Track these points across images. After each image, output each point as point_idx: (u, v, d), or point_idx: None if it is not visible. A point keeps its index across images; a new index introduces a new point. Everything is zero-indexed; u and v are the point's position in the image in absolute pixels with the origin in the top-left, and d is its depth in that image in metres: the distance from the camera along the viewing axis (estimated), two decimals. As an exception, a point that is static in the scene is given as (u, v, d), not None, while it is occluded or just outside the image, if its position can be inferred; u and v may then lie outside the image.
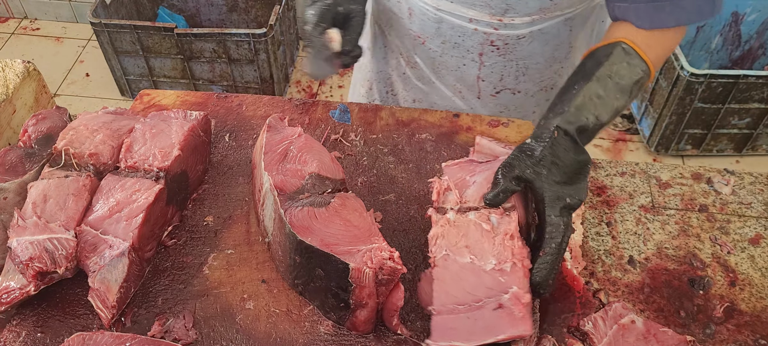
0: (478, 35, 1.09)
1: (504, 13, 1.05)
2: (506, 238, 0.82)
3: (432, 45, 1.15)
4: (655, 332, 0.81)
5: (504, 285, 0.79)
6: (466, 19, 1.07)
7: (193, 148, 1.00)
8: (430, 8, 1.09)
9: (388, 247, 0.81)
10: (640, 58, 0.90)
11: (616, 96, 0.88)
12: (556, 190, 0.83)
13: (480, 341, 0.75)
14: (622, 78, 0.89)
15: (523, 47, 1.11)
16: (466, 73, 1.17)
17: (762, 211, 1.01)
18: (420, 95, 1.27)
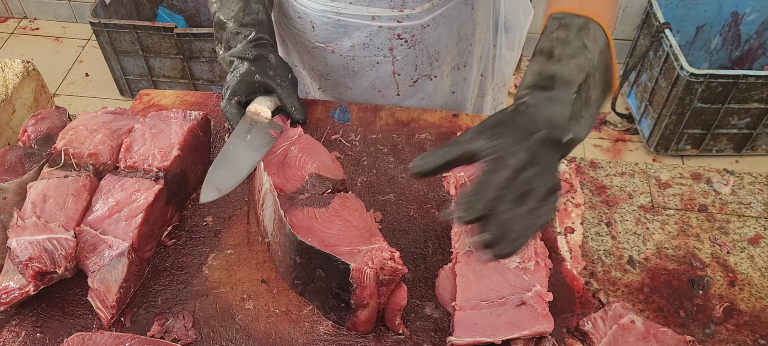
0: (384, 31, 1.10)
1: (403, 4, 1.06)
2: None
3: (341, 51, 1.16)
4: (654, 332, 0.81)
5: (527, 283, 0.81)
6: (368, 17, 1.09)
7: (193, 148, 0.99)
8: (332, 15, 1.10)
9: (389, 247, 0.81)
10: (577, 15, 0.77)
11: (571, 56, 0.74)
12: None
13: (503, 336, 0.77)
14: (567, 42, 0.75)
15: (429, 34, 1.12)
16: (381, 72, 1.18)
17: (761, 211, 1.01)
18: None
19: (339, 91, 1.24)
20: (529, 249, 0.85)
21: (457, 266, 0.83)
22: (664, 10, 2.51)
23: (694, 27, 2.67)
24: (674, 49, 2.30)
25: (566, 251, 0.95)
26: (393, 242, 0.95)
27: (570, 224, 0.99)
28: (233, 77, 1.02)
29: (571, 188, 1.04)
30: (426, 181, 1.04)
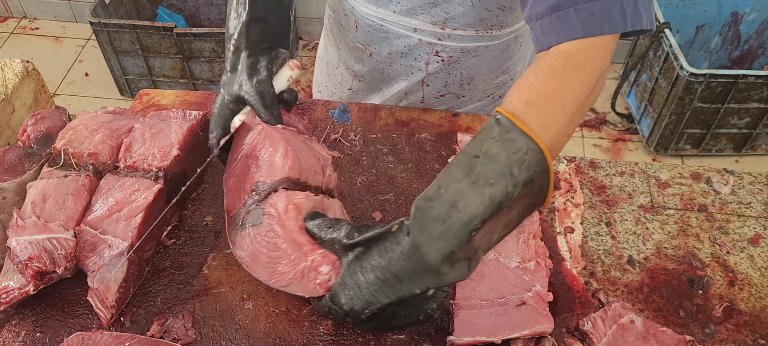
0: (423, 45, 1.10)
1: (444, 22, 1.06)
2: (529, 237, 0.85)
3: (379, 56, 1.16)
4: (654, 331, 0.81)
5: (528, 283, 0.81)
6: (410, 29, 1.09)
7: (192, 147, 0.99)
8: (376, 19, 1.10)
9: (323, 257, 0.77)
10: (519, 129, 0.67)
11: (488, 181, 0.65)
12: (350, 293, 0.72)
13: (503, 336, 0.78)
14: (494, 157, 0.66)
15: (467, 60, 1.12)
16: (412, 79, 1.18)
17: (761, 211, 1.01)
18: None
19: (369, 95, 1.25)
20: (530, 249, 0.85)
21: None
22: (664, 9, 2.51)
23: (694, 27, 2.67)
24: (674, 49, 2.30)
25: (566, 250, 0.95)
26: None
27: (570, 224, 0.99)
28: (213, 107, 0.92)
29: (571, 188, 1.04)
30: (426, 180, 1.04)
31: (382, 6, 1.08)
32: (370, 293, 0.71)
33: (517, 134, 0.67)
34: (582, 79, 0.73)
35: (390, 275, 0.68)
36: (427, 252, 0.64)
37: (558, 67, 0.73)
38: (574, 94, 0.72)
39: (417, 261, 0.65)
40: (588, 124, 2.71)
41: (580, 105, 0.73)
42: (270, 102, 0.89)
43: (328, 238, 0.76)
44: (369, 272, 0.70)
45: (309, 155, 0.88)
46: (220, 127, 0.91)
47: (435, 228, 0.64)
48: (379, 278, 0.69)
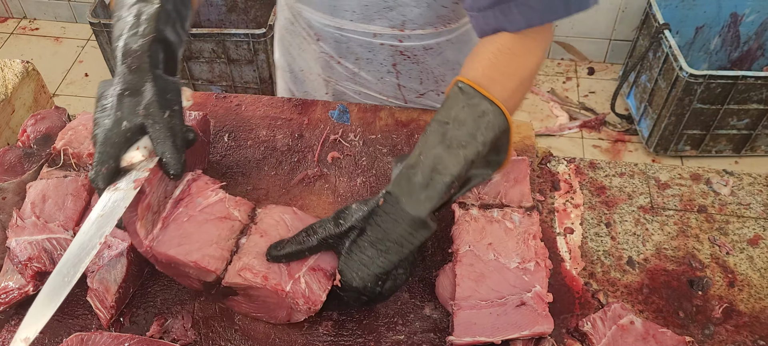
0: (386, 48, 1.10)
1: (403, 24, 1.05)
2: (529, 238, 0.85)
3: (348, 63, 1.15)
4: (654, 332, 0.81)
5: (527, 284, 0.81)
6: (370, 34, 1.08)
7: (192, 148, 0.99)
8: (335, 30, 1.09)
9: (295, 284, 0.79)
10: (482, 95, 0.77)
11: (460, 144, 0.75)
12: (360, 273, 0.75)
13: (503, 336, 0.78)
14: (463, 123, 0.76)
15: (433, 57, 1.12)
16: (387, 83, 1.18)
17: (761, 212, 1.01)
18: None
19: (347, 97, 1.24)
20: (530, 250, 0.85)
21: (457, 265, 0.83)
22: (664, 10, 2.51)
23: (694, 28, 2.67)
24: (673, 50, 2.30)
25: (566, 251, 0.95)
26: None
27: (569, 225, 0.99)
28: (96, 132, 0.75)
29: (571, 189, 1.04)
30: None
31: (338, 16, 1.07)
32: (377, 266, 0.75)
33: (480, 99, 0.77)
34: (535, 58, 0.86)
35: (390, 243, 0.74)
36: (418, 212, 0.72)
37: (515, 51, 0.83)
38: (529, 72, 0.85)
39: (410, 223, 0.73)
40: (588, 125, 2.71)
41: (530, 77, 0.86)
42: (181, 144, 0.77)
43: (315, 242, 0.78)
44: (369, 249, 0.75)
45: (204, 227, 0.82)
46: (112, 159, 0.74)
47: (421, 191, 0.72)
48: (380, 250, 0.74)
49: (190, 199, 0.82)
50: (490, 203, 0.91)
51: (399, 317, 0.86)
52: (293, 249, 0.78)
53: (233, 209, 0.83)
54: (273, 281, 0.78)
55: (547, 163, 1.08)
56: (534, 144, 1.09)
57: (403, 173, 0.74)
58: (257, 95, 1.21)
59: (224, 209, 0.83)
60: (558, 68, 3.00)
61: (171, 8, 0.80)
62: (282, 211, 0.85)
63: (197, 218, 0.81)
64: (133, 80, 0.75)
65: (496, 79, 0.80)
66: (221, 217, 0.82)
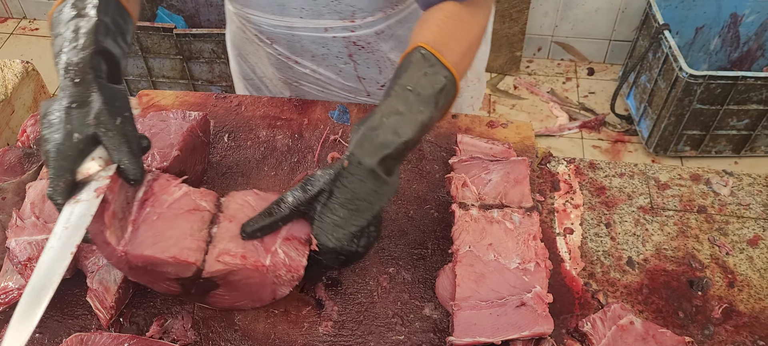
0: (339, 41, 1.10)
1: (353, 15, 1.05)
2: (529, 238, 0.85)
3: (304, 61, 1.15)
4: (653, 333, 0.81)
5: (527, 284, 0.81)
6: (321, 29, 1.08)
7: (192, 148, 0.99)
8: (286, 30, 1.09)
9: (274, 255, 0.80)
10: (442, 64, 0.82)
11: (418, 109, 0.78)
12: (335, 234, 0.77)
13: (503, 337, 0.78)
14: (424, 88, 0.80)
15: (386, 41, 1.11)
16: (346, 76, 1.17)
17: (760, 212, 1.01)
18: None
19: (312, 96, 1.24)
20: (530, 250, 0.85)
21: (457, 266, 0.83)
22: (664, 11, 2.51)
23: (694, 28, 2.67)
24: (673, 51, 2.30)
25: (565, 251, 0.95)
26: (391, 243, 0.95)
27: (569, 225, 0.99)
28: (48, 148, 0.74)
29: (570, 189, 1.04)
30: (425, 181, 1.04)
31: (287, 15, 1.06)
32: (350, 224, 0.77)
33: (440, 67, 0.81)
34: (479, 25, 0.91)
35: (360, 202, 0.77)
36: (380, 171, 0.76)
37: (462, 16, 0.88)
38: (476, 35, 0.91)
39: (374, 180, 0.76)
40: (587, 125, 2.71)
41: (477, 41, 0.91)
42: (136, 149, 0.77)
43: (287, 211, 0.79)
44: (340, 209, 0.77)
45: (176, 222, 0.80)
46: (68, 172, 0.73)
47: (382, 151, 0.76)
48: (351, 210, 0.77)
49: (155, 198, 0.81)
50: (491, 204, 0.91)
51: (399, 318, 0.86)
52: (266, 222, 0.79)
53: (200, 200, 0.82)
54: (252, 258, 0.78)
55: (547, 164, 1.08)
56: (534, 144, 1.09)
57: (366, 135, 0.77)
58: (257, 95, 1.21)
59: (191, 202, 0.82)
60: (558, 69, 3.00)
61: (109, 21, 0.80)
62: (244, 194, 0.85)
63: (167, 215, 0.80)
64: (79, 92, 0.74)
65: (447, 44, 0.84)
66: (190, 209, 0.81)
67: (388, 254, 0.94)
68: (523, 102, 2.83)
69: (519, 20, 2.77)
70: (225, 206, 0.83)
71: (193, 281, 0.79)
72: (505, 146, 1.03)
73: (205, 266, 0.77)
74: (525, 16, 2.76)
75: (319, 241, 0.78)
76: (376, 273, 0.92)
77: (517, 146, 1.08)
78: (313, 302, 0.88)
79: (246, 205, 0.83)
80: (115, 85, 0.78)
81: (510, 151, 1.02)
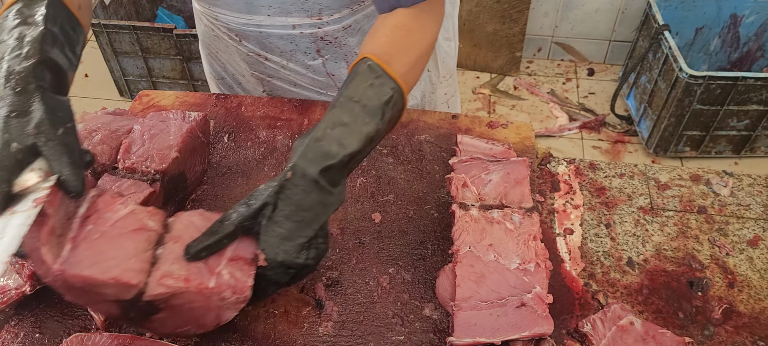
0: (306, 36, 1.10)
1: (320, 12, 1.05)
2: (529, 238, 0.85)
3: (274, 57, 1.15)
4: (653, 333, 0.81)
5: (528, 285, 0.81)
6: (289, 26, 1.08)
7: (192, 149, 0.99)
8: (254, 28, 1.09)
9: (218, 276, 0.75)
10: (388, 75, 0.81)
11: (364, 121, 0.78)
12: (282, 247, 0.75)
13: (503, 337, 0.77)
14: (370, 99, 0.79)
15: (353, 35, 1.11)
16: (316, 72, 1.17)
17: (760, 212, 1.01)
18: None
19: (284, 91, 1.23)
20: (530, 251, 0.85)
21: (457, 266, 0.83)
22: (664, 11, 2.51)
23: (693, 29, 2.67)
24: (673, 51, 2.30)
25: (565, 252, 0.95)
26: (391, 243, 0.95)
27: (569, 226, 0.99)
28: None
29: (570, 190, 1.04)
30: (425, 181, 1.04)
31: (255, 13, 1.06)
32: (297, 236, 0.76)
33: (387, 79, 0.81)
34: (429, 34, 0.91)
35: (305, 213, 0.75)
36: (325, 183, 0.76)
37: (411, 26, 0.88)
38: (425, 46, 0.90)
39: (319, 191, 0.75)
40: (587, 126, 2.71)
41: (427, 52, 0.92)
42: (78, 160, 0.73)
43: (231, 227, 0.76)
44: (285, 222, 0.75)
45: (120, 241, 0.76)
46: (4, 183, 0.69)
47: (326, 161, 0.75)
48: (297, 221, 0.75)
49: (99, 215, 0.76)
50: (491, 204, 0.91)
51: (399, 318, 0.86)
52: (210, 241, 0.76)
53: (147, 220, 0.78)
54: (195, 281, 0.74)
55: (547, 164, 1.08)
56: (534, 145, 1.09)
57: (310, 146, 0.76)
58: (257, 96, 1.21)
59: (137, 221, 0.77)
60: (558, 69, 3.00)
61: (58, 31, 0.78)
62: (190, 215, 0.81)
63: (110, 234, 0.75)
64: (20, 101, 0.71)
65: (394, 55, 0.84)
66: (135, 229, 0.76)
67: (388, 255, 0.94)
68: (523, 102, 2.83)
69: (519, 21, 2.77)
70: (171, 226, 0.79)
71: (134, 304, 0.74)
72: (505, 147, 1.03)
73: (147, 288, 0.73)
74: (525, 17, 2.76)
75: (267, 255, 0.75)
76: (376, 273, 0.92)
77: (517, 147, 1.08)
78: (313, 302, 0.88)
79: (191, 225, 0.79)
80: (59, 96, 0.75)
81: (510, 152, 1.02)
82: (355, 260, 0.93)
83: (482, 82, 2.93)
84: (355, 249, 0.95)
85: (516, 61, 2.92)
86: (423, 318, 0.87)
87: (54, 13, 0.78)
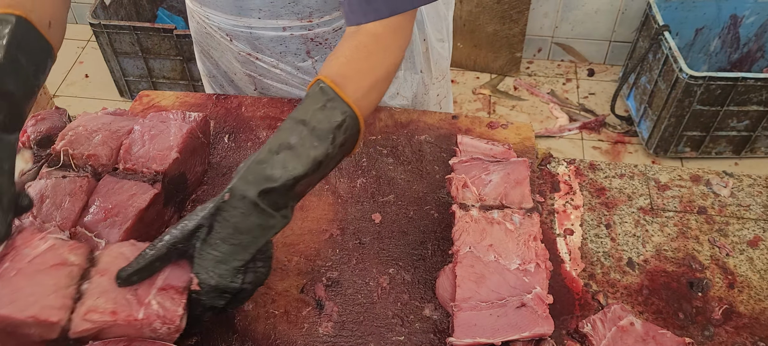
0: (297, 38, 1.10)
1: (310, 15, 1.05)
2: (530, 239, 0.85)
3: (265, 57, 1.15)
4: (653, 334, 0.81)
5: (528, 285, 0.81)
6: (279, 29, 1.08)
7: (192, 149, 0.99)
8: (245, 29, 1.09)
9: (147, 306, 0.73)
10: (340, 99, 0.78)
11: (312, 144, 0.75)
12: (217, 270, 0.73)
13: (503, 338, 0.78)
14: (320, 122, 0.76)
15: (339, 38, 1.11)
16: (306, 72, 1.17)
17: (760, 213, 1.01)
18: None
19: (276, 90, 1.23)
20: (530, 251, 0.85)
21: (457, 266, 0.83)
22: (663, 12, 2.51)
23: (693, 29, 2.67)
24: (673, 52, 2.30)
25: (565, 252, 0.95)
26: (391, 244, 0.95)
27: (569, 226, 0.99)
28: None
29: (570, 190, 1.04)
30: (425, 182, 1.04)
31: (245, 16, 1.06)
32: (233, 259, 0.73)
33: (339, 102, 0.77)
34: (391, 58, 0.86)
35: (243, 236, 0.73)
36: (266, 206, 0.73)
37: (371, 48, 0.84)
38: (385, 71, 0.85)
39: (259, 214, 0.73)
40: (587, 126, 2.71)
41: (387, 77, 0.87)
42: (8, 205, 0.72)
43: (164, 249, 0.74)
44: (221, 245, 0.73)
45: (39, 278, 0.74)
46: None
47: (266, 183, 0.72)
48: (234, 244, 0.73)
49: (16, 252, 0.74)
50: (491, 205, 0.91)
51: (399, 318, 0.86)
52: (142, 263, 0.74)
53: (68, 254, 0.75)
54: (123, 313, 0.71)
55: (547, 165, 1.08)
56: (534, 145, 1.09)
57: (252, 168, 0.73)
58: (257, 96, 1.22)
59: (58, 256, 0.75)
60: (558, 70, 3.00)
61: (22, 57, 0.76)
62: (120, 246, 0.79)
63: (27, 270, 0.72)
64: None
65: (350, 77, 0.80)
66: (56, 265, 0.74)
67: (388, 255, 0.94)
68: (524, 103, 2.83)
69: (519, 21, 2.77)
70: (98, 259, 0.77)
71: (61, 344, 0.72)
72: (506, 147, 1.03)
73: (71, 325, 0.70)
74: (525, 17, 2.76)
75: (200, 279, 0.73)
76: (376, 274, 0.92)
77: (518, 147, 1.08)
78: (313, 302, 0.88)
79: (120, 256, 0.77)
80: (5, 134, 0.73)
81: (510, 152, 1.02)
82: (355, 260, 0.93)
83: (482, 83, 2.94)
84: (355, 249, 0.95)
85: (516, 61, 2.92)
86: (423, 319, 0.87)
87: (20, 37, 0.75)
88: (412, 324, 0.86)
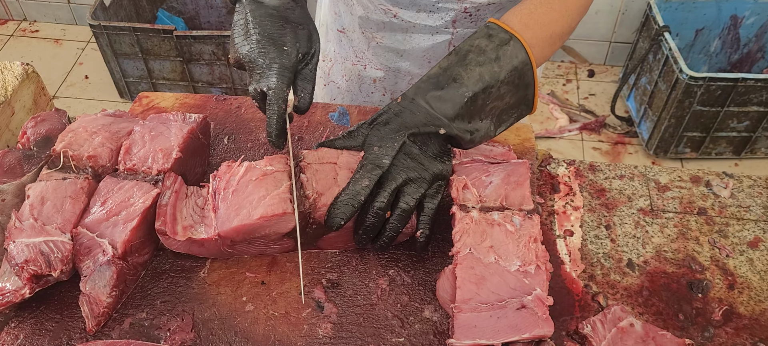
0: (453, 2, 1.09)
1: None
2: (530, 240, 0.85)
3: (405, 16, 1.13)
4: (653, 335, 0.81)
5: (528, 287, 0.81)
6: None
7: (192, 150, 0.99)
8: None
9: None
10: (505, 30, 0.86)
11: (478, 62, 0.83)
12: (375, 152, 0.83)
13: (503, 339, 0.78)
14: (484, 50, 0.84)
15: (496, 12, 1.11)
16: (438, 41, 1.16)
17: (761, 214, 1.01)
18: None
19: (387, 58, 1.21)
20: (530, 253, 0.85)
21: (458, 268, 0.83)
22: (664, 13, 2.52)
23: (694, 30, 2.67)
24: (673, 53, 2.30)
25: (565, 254, 0.95)
26: (392, 244, 0.95)
27: (569, 227, 0.99)
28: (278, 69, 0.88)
29: (570, 191, 1.04)
30: (425, 183, 1.04)
31: None
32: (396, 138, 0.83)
33: (504, 33, 0.84)
34: (569, 19, 0.93)
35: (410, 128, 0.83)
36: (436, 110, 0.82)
37: (555, 6, 0.91)
38: (561, 28, 0.93)
39: (425, 116, 0.83)
40: (587, 127, 2.71)
41: (562, 36, 0.94)
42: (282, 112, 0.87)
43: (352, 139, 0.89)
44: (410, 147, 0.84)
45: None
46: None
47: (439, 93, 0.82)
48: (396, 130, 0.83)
49: (221, 180, 0.88)
50: (491, 206, 0.91)
51: (399, 320, 0.86)
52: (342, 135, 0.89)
53: (266, 166, 0.87)
54: None
55: (547, 166, 1.08)
56: (534, 146, 1.09)
57: (423, 80, 0.81)
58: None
59: (258, 171, 0.87)
60: (558, 70, 3.00)
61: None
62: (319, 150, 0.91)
63: (240, 190, 0.86)
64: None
65: (529, 26, 0.87)
66: (259, 177, 0.86)
67: (387, 256, 0.94)
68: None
69: (519, 22, 2.77)
70: (304, 160, 0.88)
71: (303, 235, 0.85)
72: (506, 148, 1.03)
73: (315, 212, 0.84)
74: (525, 18, 2.76)
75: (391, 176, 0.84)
76: (375, 275, 0.92)
77: (518, 148, 1.08)
78: (312, 304, 0.88)
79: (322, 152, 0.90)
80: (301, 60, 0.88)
81: (510, 154, 1.02)
82: (355, 261, 0.93)
83: (482, 84, 2.94)
84: (355, 251, 0.95)
85: (516, 62, 2.92)
86: (423, 320, 0.87)
87: None
88: (412, 326, 0.86)
